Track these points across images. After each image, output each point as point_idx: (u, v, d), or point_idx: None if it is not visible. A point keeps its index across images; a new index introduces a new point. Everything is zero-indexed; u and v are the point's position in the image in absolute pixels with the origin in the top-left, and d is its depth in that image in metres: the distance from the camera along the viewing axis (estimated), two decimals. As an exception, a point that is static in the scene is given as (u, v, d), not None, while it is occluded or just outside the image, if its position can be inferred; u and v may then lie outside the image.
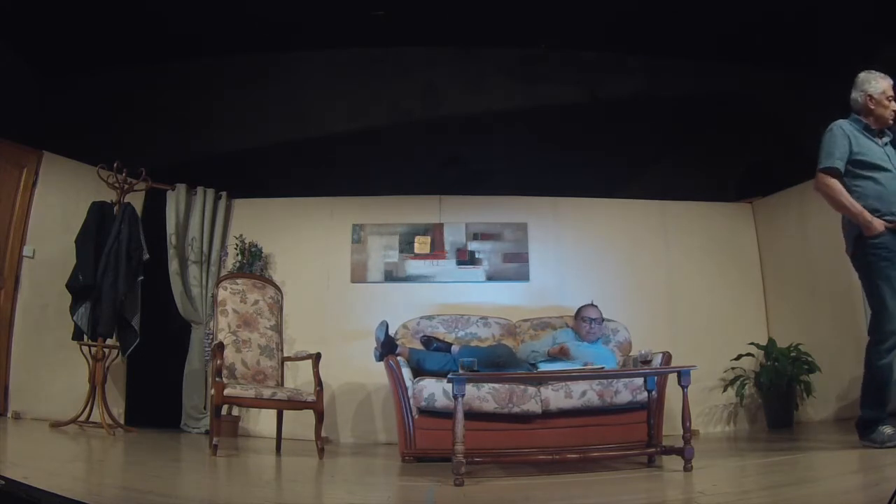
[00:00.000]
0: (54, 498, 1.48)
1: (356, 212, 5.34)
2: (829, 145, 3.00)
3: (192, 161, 5.35)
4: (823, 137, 3.06)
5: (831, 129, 3.05)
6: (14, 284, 4.44)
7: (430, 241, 5.27)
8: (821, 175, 2.99)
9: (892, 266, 2.85)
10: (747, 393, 4.80)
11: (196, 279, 5.06)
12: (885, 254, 2.86)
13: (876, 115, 3.02)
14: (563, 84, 5.55)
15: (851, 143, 2.98)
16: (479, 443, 3.24)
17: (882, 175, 2.94)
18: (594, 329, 4.15)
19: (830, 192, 2.96)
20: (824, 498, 2.04)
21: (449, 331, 4.43)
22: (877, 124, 3.03)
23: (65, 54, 4.97)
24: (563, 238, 5.34)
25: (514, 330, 4.56)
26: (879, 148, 3.01)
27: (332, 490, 2.70)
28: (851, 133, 3.01)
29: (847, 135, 2.99)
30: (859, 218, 2.89)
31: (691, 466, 2.65)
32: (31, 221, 4.57)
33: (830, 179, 2.96)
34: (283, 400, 3.63)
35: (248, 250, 5.08)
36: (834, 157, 2.96)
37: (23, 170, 4.59)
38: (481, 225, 5.33)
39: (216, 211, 5.24)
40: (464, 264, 5.24)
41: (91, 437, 3.76)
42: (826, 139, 3.03)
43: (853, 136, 3.00)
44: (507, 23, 5.11)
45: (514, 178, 5.47)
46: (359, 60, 5.50)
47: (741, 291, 5.24)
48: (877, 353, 2.87)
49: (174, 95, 5.35)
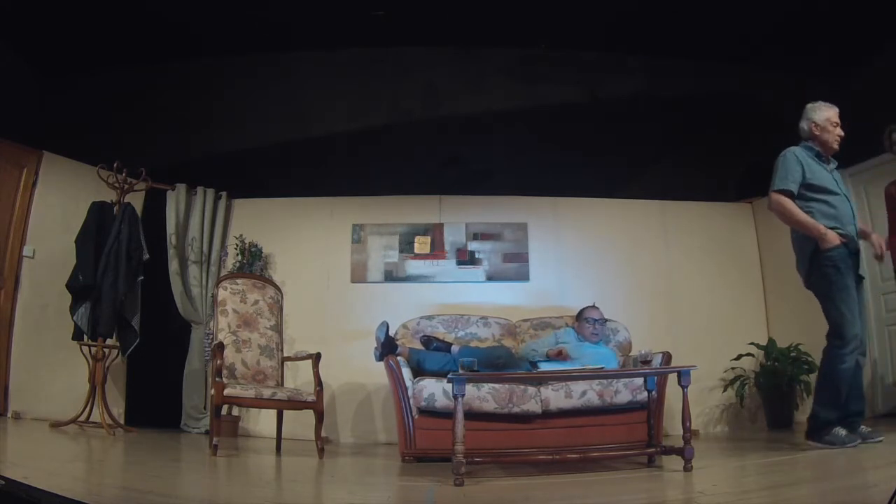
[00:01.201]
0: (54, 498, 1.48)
1: (356, 212, 5.34)
2: (783, 169, 3.18)
3: (192, 161, 5.35)
4: (777, 161, 3.23)
5: (785, 154, 3.22)
6: (14, 284, 4.44)
7: (430, 241, 5.27)
8: (775, 195, 3.17)
9: (847, 277, 3.04)
10: (747, 393, 4.80)
11: (196, 279, 5.06)
12: (840, 265, 3.04)
13: (821, 140, 3.23)
14: (563, 84, 5.55)
15: (804, 169, 3.16)
16: (479, 443, 3.24)
17: (833, 198, 3.14)
18: (596, 330, 4.16)
19: (785, 210, 3.14)
20: (824, 498, 2.05)
21: (449, 331, 4.43)
22: (824, 150, 3.24)
23: (65, 54, 4.98)
24: (563, 238, 5.34)
25: (514, 330, 4.56)
26: (828, 173, 3.22)
27: (332, 490, 2.70)
28: (804, 159, 3.19)
29: (800, 161, 3.18)
30: (814, 231, 3.05)
31: (691, 466, 2.65)
32: (31, 221, 4.57)
33: (784, 199, 3.14)
34: (283, 400, 3.63)
35: (248, 250, 5.08)
36: (788, 181, 3.14)
37: (23, 170, 4.59)
38: (481, 225, 5.33)
39: (216, 211, 5.24)
40: (464, 264, 5.24)
41: (91, 437, 3.76)
42: (780, 163, 3.20)
43: (805, 162, 3.18)
44: (507, 23, 5.12)
45: (514, 178, 5.47)
46: (359, 60, 5.50)
47: (741, 291, 5.24)
48: (840, 357, 3.02)
49: (174, 95, 5.35)
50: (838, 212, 3.13)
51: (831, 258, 3.04)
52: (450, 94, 5.61)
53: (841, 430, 2.96)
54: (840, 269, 3.04)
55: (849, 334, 3.01)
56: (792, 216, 3.13)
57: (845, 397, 3.02)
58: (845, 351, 3.01)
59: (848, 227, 3.12)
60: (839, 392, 3.01)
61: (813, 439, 3.04)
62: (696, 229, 5.39)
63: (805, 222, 3.10)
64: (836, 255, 3.04)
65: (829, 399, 3.04)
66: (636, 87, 5.53)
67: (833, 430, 2.97)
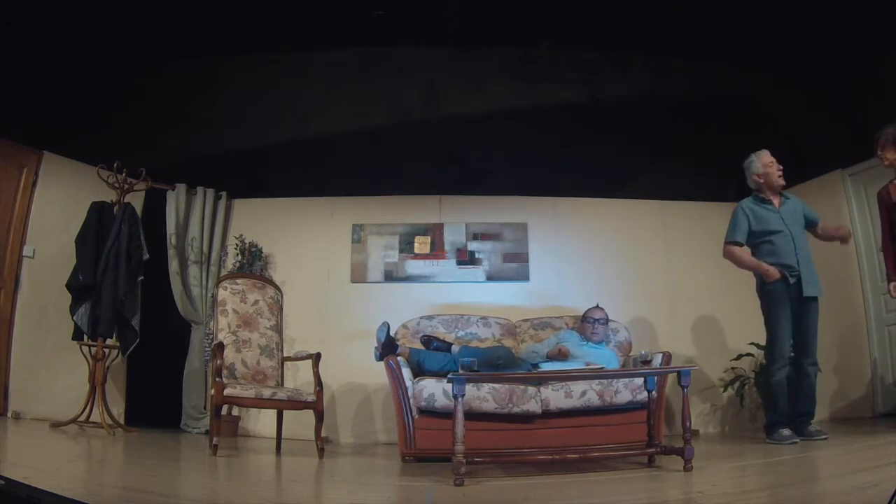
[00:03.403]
0: (54, 498, 1.48)
1: (356, 212, 5.34)
2: (732, 224, 3.83)
3: (192, 161, 5.35)
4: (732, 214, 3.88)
5: (735, 211, 3.87)
6: (14, 284, 4.44)
7: (430, 241, 5.27)
8: (727, 246, 3.83)
9: (780, 306, 3.64)
10: (747, 393, 4.80)
11: (196, 279, 5.06)
12: (776, 297, 3.65)
13: (768, 183, 3.83)
14: (563, 84, 5.55)
15: (750, 221, 3.79)
16: (479, 443, 3.25)
17: (776, 237, 3.73)
18: (598, 330, 4.16)
19: (734, 257, 3.81)
20: (824, 498, 2.05)
21: (449, 331, 4.43)
22: (772, 192, 3.84)
23: (65, 54, 4.97)
24: (563, 238, 5.34)
25: (514, 330, 4.56)
26: (775, 214, 3.79)
27: (332, 490, 2.70)
28: (751, 211, 3.81)
29: (747, 214, 3.80)
30: (759, 269, 3.68)
31: (691, 466, 2.65)
32: (31, 221, 4.57)
33: (734, 248, 3.80)
34: (283, 400, 3.63)
35: (248, 250, 5.07)
36: (736, 234, 3.80)
37: (23, 170, 4.59)
38: (481, 225, 5.33)
39: (216, 211, 5.24)
40: (464, 264, 5.24)
41: (91, 437, 3.76)
42: (731, 218, 3.86)
43: (752, 214, 3.80)
44: (507, 23, 5.12)
45: (514, 178, 5.47)
46: (359, 60, 5.50)
47: (741, 291, 5.18)
48: (770, 372, 3.68)
49: (174, 95, 5.35)
50: (779, 248, 3.71)
51: (770, 291, 3.67)
52: (450, 94, 5.61)
53: (784, 430, 3.49)
54: (775, 300, 3.64)
55: (777, 353, 3.65)
56: (740, 262, 3.81)
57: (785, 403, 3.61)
58: (774, 367, 3.65)
59: (787, 258, 3.68)
60: (777, 400, 3.63)
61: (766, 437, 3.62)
62: (696, 229, 5.38)
63: (750, 264, 3.75)
64: (774, 288, 3.64)
65: (771, 405, 3.71)
66: (636, 87, 5.53)
67: (778, 430, 3.51)
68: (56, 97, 5.10)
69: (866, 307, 4.67)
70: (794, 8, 4.62)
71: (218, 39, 5.17)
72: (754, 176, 3.87)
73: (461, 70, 5.57)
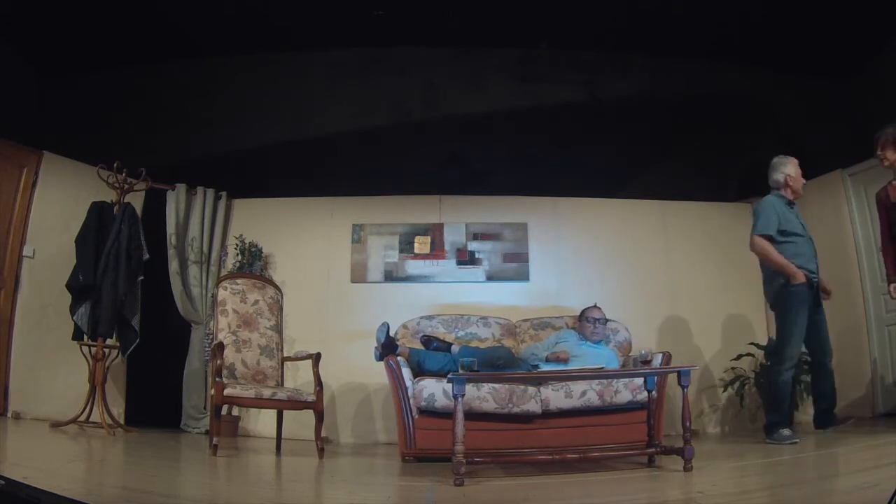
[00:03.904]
0: (54, 498, 1.48)
1: (356, 212, 5.34)
2: (763, 217, 3.76)
3: (192, 161, 5.35)
4: (758, 207, 3.84)
5: (763, 204, 3.82)
6: (14, 284, 4.44)
7: (430, 241, 5.27)
8: (756, 238, 3.75)
9: (802, 310, 3.64)
10: (747, 393, 4.80)
11: (196, 279, 5.06)
12: (799, 300, 3.64)
13: (793, 189, 3.85)
14: (563, 84, 5.55)
15: (779, 217, 3.75)
16: (479, 443, 3.25)
17: (798, 239, 3.75)
18: (597, 329, 4.16)
19: (765, 251, 3.73)
20: (824, 498, 2.05)
21: (449, 331, 4.43)
22: (793, 196, 3.86)
23: (65, 54, 4.97)
24: (563, 238, 5.34)
25: (514, 330, 4.56)
26: (796, 217, 3.82)
27: (332, 490, 2.70)
28: (778, 207, 3.79)
29: (776, 210, 3.77)
30: (788, 269, 3.64)
31: (691, 466, 2.65)
32: (31, 221, 4.57)
33: (765, 242, 3.72)
34: (283, 400, 3.63)
35: (248, 250, 5.07)
36: (768, 227, 3.73)
37: (23, 170, 4.59)
38: (481, 225, 5.33)
39: (216, 211, 5.24)
40: (464, 264, 5.24)
41: (91, 437, 3.76)
42: (760, 211, 3.80)
43: (780, 210, 3.78)
44: (507, 23, 5.11)
45: (514, 178, 5.47)
46: (359, 60, 5.50)
47: (741, 291, 5.23)
48: (779, 372, 3.68)
49: (174, 95, 5.35)
50: (802, 250, 3.73)
51: (795, 293, 3.64)
52: (450, 94, 5.61)
53: (785, 430, 3.51)
54: (798, 303, 3.64)
55: (787, 354, 3.65)
56: (770, 257, 3.72)
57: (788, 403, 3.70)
58: (783, 367, 3.65)
59: (810, 264, 3.72)
60: (782, 401, 3.66)
61: (766, 438, 3.61)
62: (696, 229, 5.39)
63: (781, 262, 3.68)
64: (799, 290, 3.63)
65: (774, 406, 3.71)
66: (636, 87, 5.52)
67: (778, 430, 3.53)
68: (56, 97, 5.09)
69: (866, 307, 4.67)
70: (793, 8, 4.61)
71: (218, 39, 5.16)
72: (787, 176, 3.84)
73: (461, 70, 5.57)
